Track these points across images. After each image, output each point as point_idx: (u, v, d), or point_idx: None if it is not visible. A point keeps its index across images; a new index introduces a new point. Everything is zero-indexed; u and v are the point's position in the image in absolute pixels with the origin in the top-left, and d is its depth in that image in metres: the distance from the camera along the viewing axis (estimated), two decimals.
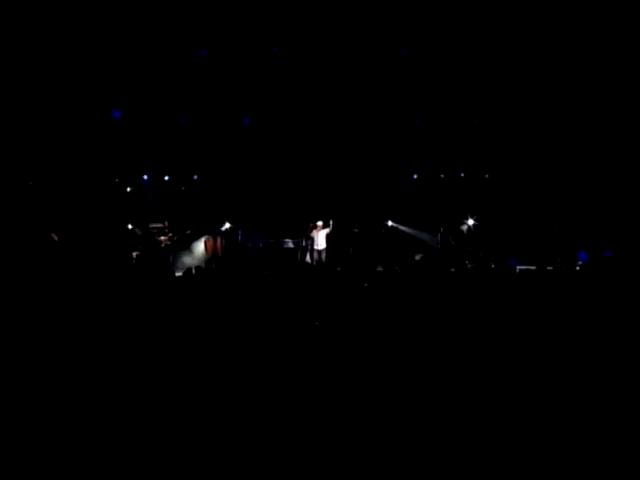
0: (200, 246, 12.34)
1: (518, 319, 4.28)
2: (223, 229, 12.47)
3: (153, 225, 12.11)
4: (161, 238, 11.58)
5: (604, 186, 11.19)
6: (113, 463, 2.42)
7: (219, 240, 12.36)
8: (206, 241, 12.32)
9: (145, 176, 12.94)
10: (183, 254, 12.11)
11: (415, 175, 13.33)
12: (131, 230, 12.34)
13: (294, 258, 11.95)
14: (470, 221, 12.63)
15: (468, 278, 6.36)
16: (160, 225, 11.91)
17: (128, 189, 12.94)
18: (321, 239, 11.52)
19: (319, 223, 11.53)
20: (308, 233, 11.63)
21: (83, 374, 3.30)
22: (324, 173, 12.63)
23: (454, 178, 13.19)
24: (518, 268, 8.72)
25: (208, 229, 12.45)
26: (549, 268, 8.07)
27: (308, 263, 11.33)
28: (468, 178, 13.15)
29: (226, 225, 12.47)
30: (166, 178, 13.00)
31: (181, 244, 12.11)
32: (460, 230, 12.71)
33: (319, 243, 11.51)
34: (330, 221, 11.55)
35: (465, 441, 2.55)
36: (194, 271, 6.68)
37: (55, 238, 10.65)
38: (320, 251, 11.49)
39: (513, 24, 10.31)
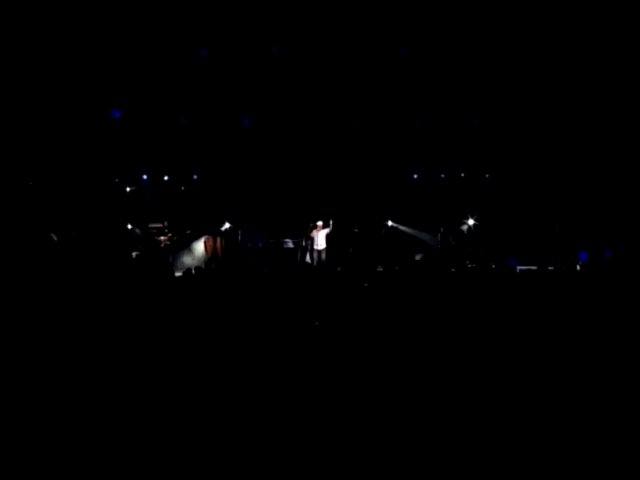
0: (200, 246, 12.33)
1: (518, 319, 4.28)
2: (223, 229, 12.47)
3: (153, 225, 12.10)
4: (161, 238, 11.56)
5: (604, 186, 11.19)
6: (113, 463, 2.41)
7: (219, 240, 12.35)
8: (206, 241, 12.31)
9: (145, 176, 12.95)
10: (183, 254, 12.11)
11: (415, 175, 13.34)
12: (131, 230, 12.34)
13: (294, 258, 11.94)
14: (470, 221, 12.63)
15: (468, 278, 6.36)
16: (160, 225, 11.89)
17: (128, 189, 12.94)
18: (321, 239, 11.50)
19: (319, 223, 11.51)
20: (308, 233, 11.61)
21: (83, 374, 3.29)
22: (324, 173, 12.64)
23: (454, 178, 13.19)
24: (518, 268, 8.74)
25: (208, 229, 12.44)
26: (550, 268, 8.07)
27: (308, 263, 11.32)
28: (468, 178, 13.15)
29: (226, 225, 12.47)
30: (166, 178, 13.01)
31: (181, 244, 12.10)
32: (460, 230, 12.71)
33: (319, 243, 11.49)
34: (330, 221, 11.53)
35: (465, 441, 2.54)
36: (194, 271, 6.68)
37: (54, 238, 10.64)
38: (320, 251, 11.47)
39: (513, 24, 10.32)
